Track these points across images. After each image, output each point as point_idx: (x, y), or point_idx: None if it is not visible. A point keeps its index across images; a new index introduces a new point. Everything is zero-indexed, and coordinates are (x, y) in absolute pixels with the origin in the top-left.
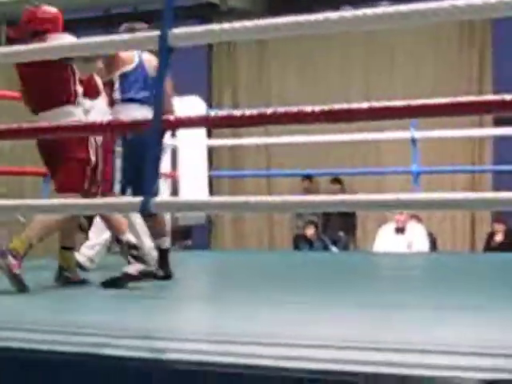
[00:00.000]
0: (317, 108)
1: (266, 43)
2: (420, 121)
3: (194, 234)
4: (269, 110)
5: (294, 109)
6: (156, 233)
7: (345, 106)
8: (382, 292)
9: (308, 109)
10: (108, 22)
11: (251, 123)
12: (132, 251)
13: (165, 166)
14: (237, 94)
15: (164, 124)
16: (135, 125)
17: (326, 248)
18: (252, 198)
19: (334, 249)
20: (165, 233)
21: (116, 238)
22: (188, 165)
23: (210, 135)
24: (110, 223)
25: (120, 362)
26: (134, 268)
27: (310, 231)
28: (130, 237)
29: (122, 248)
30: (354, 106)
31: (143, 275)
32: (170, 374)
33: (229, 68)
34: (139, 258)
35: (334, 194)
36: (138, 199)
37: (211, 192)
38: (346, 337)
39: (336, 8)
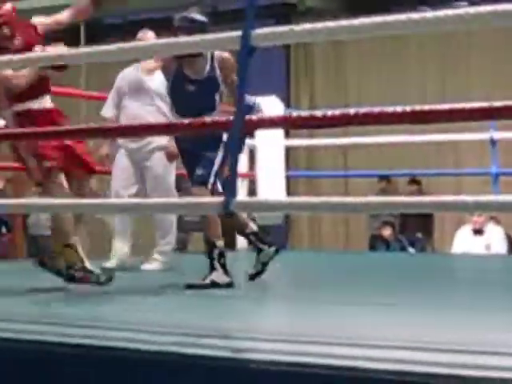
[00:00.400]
0: (398, 109)
1: (343, 43)
2: (499, 121)
3: (270, 234)
4: (351, 111)
5: (376, 109)
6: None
7: (426, 107)
8: (461, 294)
9: (389, 109)
10: None
11: (334, 124)
12: (222, 259)
13: (242, 166)
14: (314, 94)
15: (246, 124)
16: (217, 124)
17: (403, 249)
18: (330, 199)
19: (411, 250)
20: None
21: (207, 240)
22: (266, 165)
23: (287, 135)
24: (208, 225)
25: (202, 360)
26: (218, 275)
27: (386, 232)
28: (222, 243)
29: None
30: (435, 107)
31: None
32: (249, 374)
33: (306, 68)
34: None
35: (412, 195)
36: (220, 199)
37: (288, 192)
38: (432, 339)
39: (413, 7)
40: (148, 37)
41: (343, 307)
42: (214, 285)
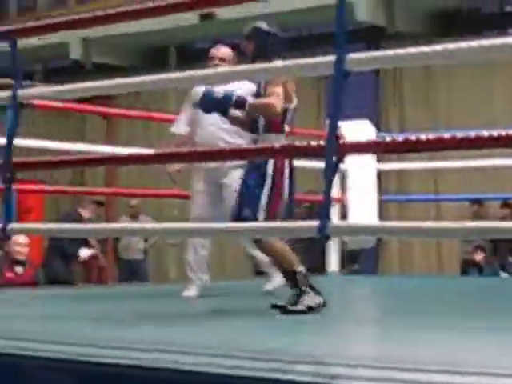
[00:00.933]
0: (495, 133)
1: (433, 68)
2: None
3: (361, 258)
4: (447, 135)
5: (472, 134)
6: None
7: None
8: None
9: (485, 134)
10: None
11: (430, 148)
12: (307, 281)
13: (334, 190)
14: (404, 118)
15: (340, 149)
16: (310, 149)
17: (495, 273)
18: (423, 224)
19: (503, 274)
20: None
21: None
22: (357, 189)
23: (377, 159)
24: (276, 257)
25: None
26: (312, 299)
27: (478, 256)
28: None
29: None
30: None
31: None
32: None
33: (395, 92)
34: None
35: (504, 219)
36: (315, 223)
37: (379, 217)
38: None
39: (504, 30)
40: (222, 52)
41: (438, 332)
42: (310, 309)
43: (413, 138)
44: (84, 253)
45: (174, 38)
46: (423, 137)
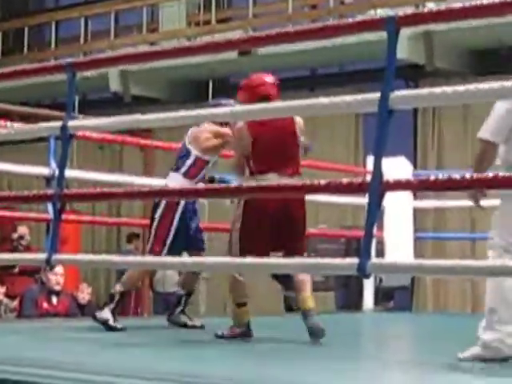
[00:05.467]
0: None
1: (471, 106)
2: None
3: (396, 296)
4: (489, 174)
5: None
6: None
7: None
8: None
9: None
10: (314, 83)
11: (472, 186)
12: None
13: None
14: (441, 155)
15: (384, 186)
16: (355, 185)
17: None
18: (459, 262)
19: None
20: None
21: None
22: (394, 226)
23: (414, 196)
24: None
25: None
26: None
27: None
28: None
29: None
30: None
31: None
32: None
33: (433, 129)
34: None
35: None
36: (355, 260)
37: (414, 254)
38: None
39: None
40: None
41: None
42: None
43: (456, 176)
44: None
45: (212, 72)
46: (467, 175)
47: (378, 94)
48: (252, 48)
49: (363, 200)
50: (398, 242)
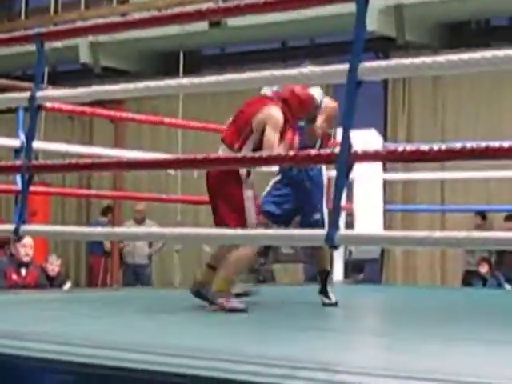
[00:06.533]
0: (505, 144)
1: (441, 78)
2: None
3: (366, 268)
4: (457, 146)
5: (483, 144)
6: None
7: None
8: None
9: (496, 145)
10: (285, 55)
11: (439, 159)
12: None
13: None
14: (411, 128)
15: (352, 157)
16: (322, 157)
17: (499, 285)
18: (430, 233)
19: (508, 286)
20: None
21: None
22: (364, 198)
23: (384, 169)
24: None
25: None
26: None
27: (483, 268)
28: None
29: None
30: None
31: None
32: None
33: (403, 102)
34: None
35: (508, 231)
36: (323, 232)
37: (384, 227)
38: None
39: None
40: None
41: (441, 344)
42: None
43: (425, 147)
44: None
45: (183, 43)
46: (435, 147)
47: (346, 66)
48: (222, 18)
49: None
50: (367, 214)
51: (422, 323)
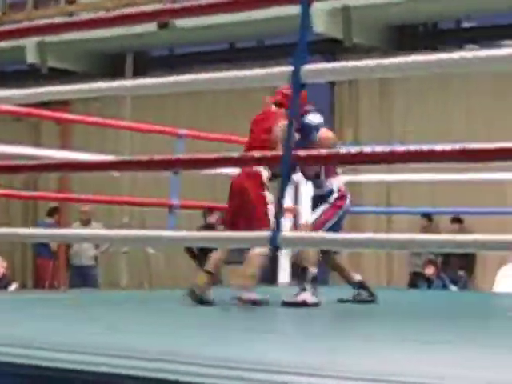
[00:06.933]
0: (447, 147)
1: (389, 79)
2: None
3: None
4: (401, 149)
5: (425, 148)
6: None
7: (474, 145)
8: (498, 333)
9: (439, 148)
10: (233, 56)
11: (383, 161)
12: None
13: (287, 200)
14: (358, 130)
15: (294, 159)
16: (266, 159)
17: (444, 287)
18: (374, 235)
19: (453, 288)
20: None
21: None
22: (309, 200)
23: None
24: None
25: None
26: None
27: (429, 270)
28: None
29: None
30: (484, 145)
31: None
32: None
33: (351, 104)
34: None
35: (453, 234)
36: (266, 233)
37: None
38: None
39: (460, 47)
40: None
41: (377, 343)
42: (304, 304)
43: (367, 150)
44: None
45: (131, 45)
46: (378, 149)
47: (290, 68)
48: (169, 19)
49: None
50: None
51: (364, 324)
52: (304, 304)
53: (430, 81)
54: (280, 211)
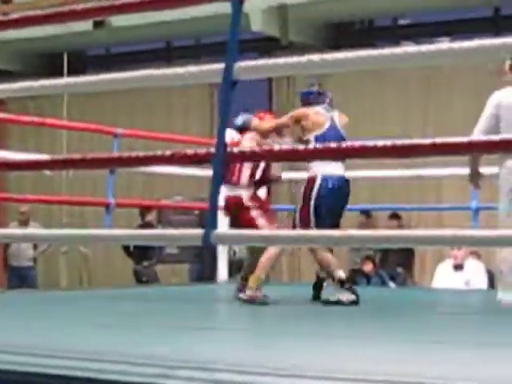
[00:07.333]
0: (380, 143)
1: (325, 76)
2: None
3: None
4: (332, 145)
5: (357, 143)
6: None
7: (408, 141)
8: (433, 329)
9: (370, 143)
10: (170, 55)
11: (314, 157)
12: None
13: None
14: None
15: (227, 157)
16: (199, 156)
17: (383, 283)
18: (310, 232)
19: (391, 284)
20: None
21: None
22: None
23: None
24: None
25: None
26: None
27: (367, 267)
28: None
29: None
30: (417, 141)
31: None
32: None
33: (288, 101)
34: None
35: (392, 230)
36: (200, 231)
37: None
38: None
39: (396, 43)
40: None
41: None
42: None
43: (299, 147)
44: None
45: (67, 44)
46: (311, 146)
47: (222, 65)
48: (105, 17)
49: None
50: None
51: (299, 321)
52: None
53: (366, 77)
54: (214, 209)
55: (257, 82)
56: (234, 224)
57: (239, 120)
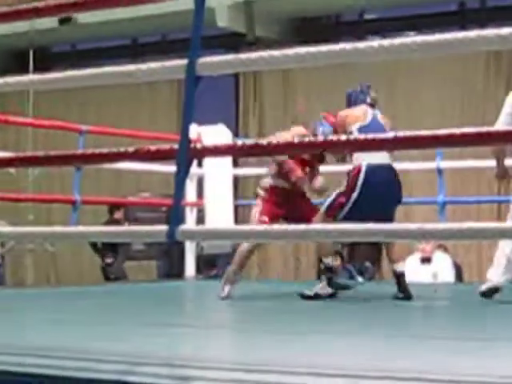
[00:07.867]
0: (343, 137)
1: (291, 72)
2: (446, 150)
3: (218, 263)
4: (296, 140)
5: (330, 138)
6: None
7: (371, 135)
8: (400, 322)
9: (343, 138)
10: (135, 51)
11: (277, 152)
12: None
13: (191, 194)
14: (263, 123)
15: (191, 152)
16: (162, 152)
17: (351, 278)
18: (277, 227)
19: (359, 279)
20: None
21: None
22: (214, 194)
23: (236, 164)
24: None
25: None
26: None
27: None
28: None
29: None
30: (380, 135)
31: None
32: None
33: (255, 97)
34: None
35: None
36: (164, 227)
37: (236, 221)
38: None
39: (362, 38)
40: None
41: (281, 336)
42: (317, 296)
43: (263, 142)
44: None
45: (32, 41)
46: (273, 142)
47: (185, 61)
48: (70, 13)
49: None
50: (217, 209)
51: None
52: (317, 296)
53: (333, 72)
54: (178, 204)
55: (223, 78)
56: None
57: (319, 132)
